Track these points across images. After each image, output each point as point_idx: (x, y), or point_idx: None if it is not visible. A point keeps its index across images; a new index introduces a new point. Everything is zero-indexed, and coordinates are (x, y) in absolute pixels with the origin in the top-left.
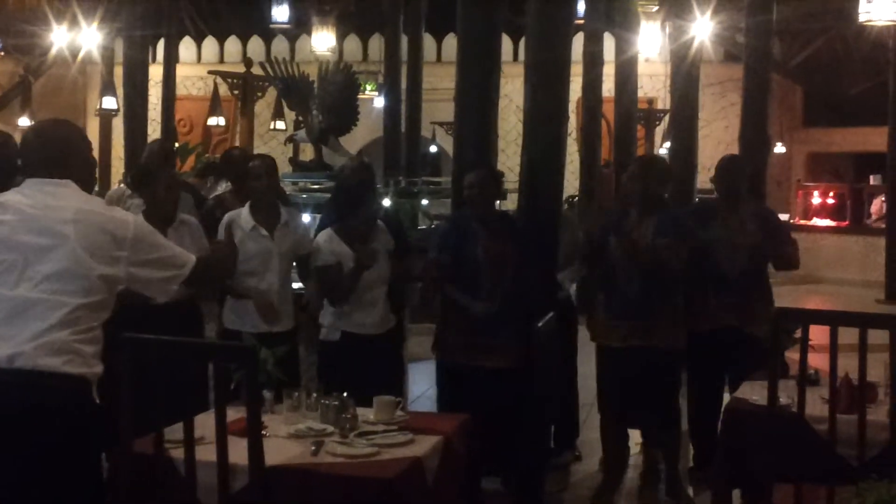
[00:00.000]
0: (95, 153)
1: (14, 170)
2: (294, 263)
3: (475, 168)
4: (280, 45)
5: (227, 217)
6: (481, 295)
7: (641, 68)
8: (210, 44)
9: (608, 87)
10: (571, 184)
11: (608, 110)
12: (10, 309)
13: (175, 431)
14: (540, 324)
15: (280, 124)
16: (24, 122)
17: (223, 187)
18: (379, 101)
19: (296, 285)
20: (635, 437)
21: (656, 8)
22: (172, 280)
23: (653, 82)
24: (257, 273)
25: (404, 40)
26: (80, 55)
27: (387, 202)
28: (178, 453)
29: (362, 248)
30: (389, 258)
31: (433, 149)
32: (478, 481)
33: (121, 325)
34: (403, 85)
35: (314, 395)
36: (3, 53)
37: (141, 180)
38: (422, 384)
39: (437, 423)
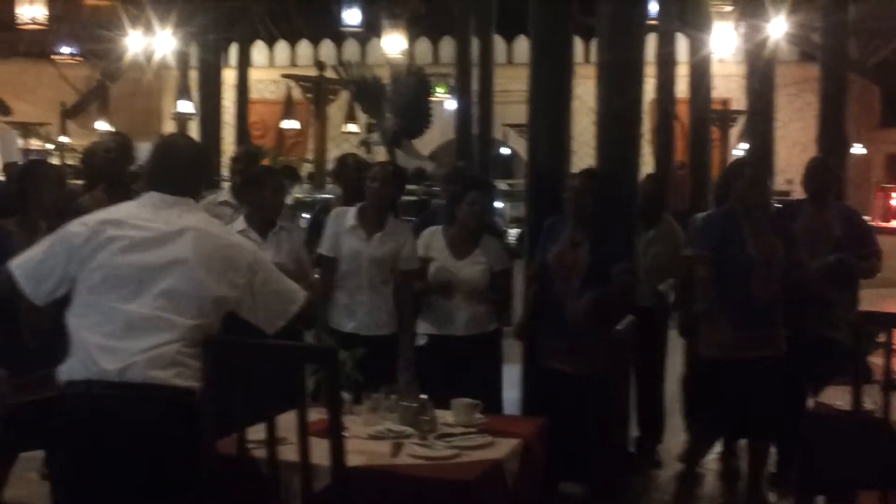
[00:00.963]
0: None
1: (132, 176)
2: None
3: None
4: (351, 48)
5: (333, 212)
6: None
7: (715, 69)
8: (282, 47)
9: (682, 89)
10: None
11: (682, 111)
12: (124, 323)
13: (257, 432)
14: (619, 328)
15: (352, 127)
16: (102, 125)
17: (296, 190)
18: (450, 104)
19: None
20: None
21: (730, 8)
22: (282, 315)
23: (727, 83)
24: (350, 273)
25: (475, 42)
26: (155, 60)
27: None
28: (260, 453)
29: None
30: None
31: (505, 150)
32: (555, 485)
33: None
34: (475, 87)
35: (392, 397)
36: (80, 59)
37: (249, 184)
38: (508, 388)
39: (515, 426)
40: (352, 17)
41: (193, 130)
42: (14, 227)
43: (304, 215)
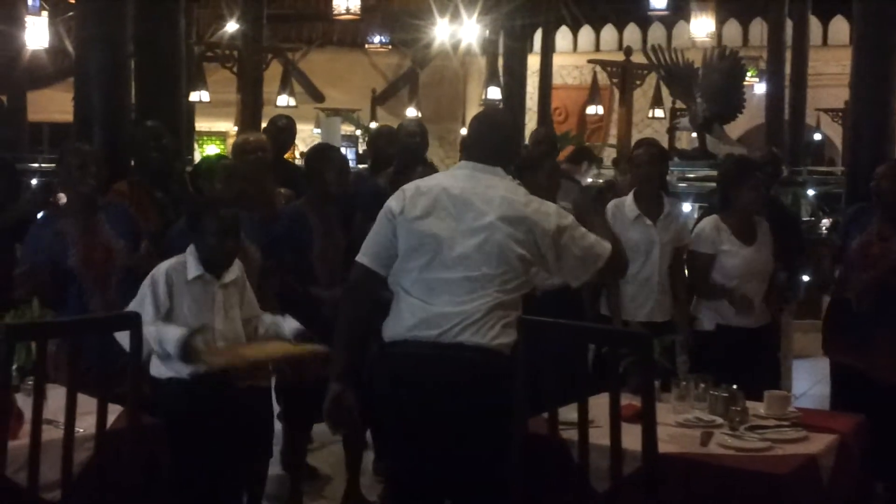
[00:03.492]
0: None
1: (414, 160)
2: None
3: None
4: (657, 32)
5: (611, 204)
6: None
7: None
8: (586, 32)
9: None
10: None
11: None
12: (437, 287)
13: (568, 413)
14: None
15: (658, 112)
16: (412, 112)
17: (594, 173)
18: (759, 88)
19: None
20: None
21: None
22: (588, 270)
23: None
24: (638, 262)
25: (788, 24)
26: (462, 47)
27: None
28: (570, 435)
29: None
30: (772, 256)
31: (817, 136)
32: (872, 485)
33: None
34: (787, 70)
35: (702, 385)
36: (390, 47)
37: (525, 167)
38: (805, 382)
39: (831, 422)
40: (659, 0)
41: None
42: (304, 206)
43: None
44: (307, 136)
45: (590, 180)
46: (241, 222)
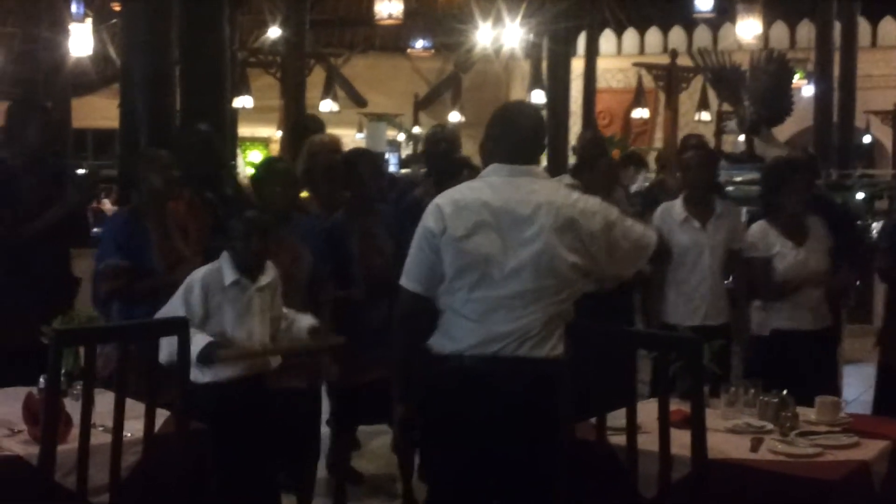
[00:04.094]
0: None
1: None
2: None
3: None
4: (702, 35)
5: (660, 208)
6: None
7: None
8: (630, 35)
9: None
10: None
11: None
12: (487, 301)
13: (616, 419)
14: None
15: (705, 115)
16: (455, 116)
17: (642, 178)
18: (808, 90)
19: None
20: None
21: None
22: (636, 262)
23: None
24: (687, 265)
25: (836, 25)
26: (504, 51)
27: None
28: (618, 441)
29: None
30: (828, 255)
31: (867, 139)
32: None
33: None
34: (835, 72)
35: (752, 391)
36: (432, 52)
37: (579, 167)
38: (855, 388)
39: (883, 428)
40: (704, 2)
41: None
42: (345, 209)
43: None
44: (350, 142)
45: (636, 186)
46: (290, 224)
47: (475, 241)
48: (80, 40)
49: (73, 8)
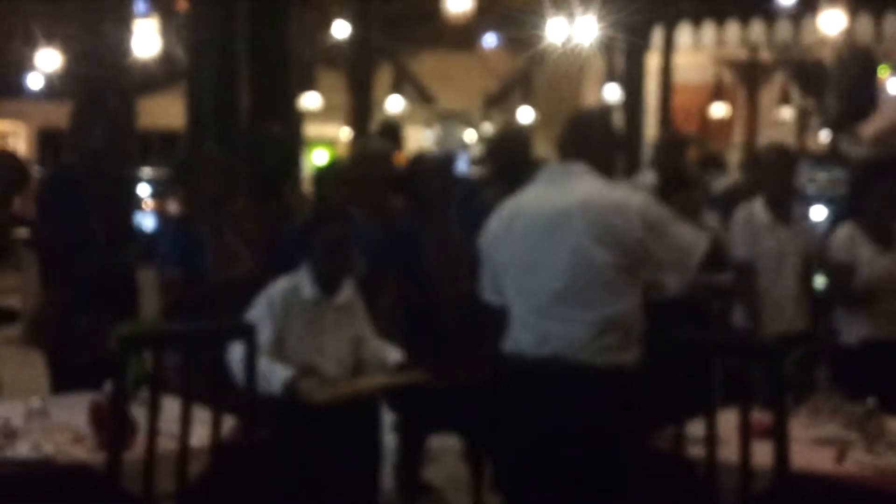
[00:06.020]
0: None
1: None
2: None
3: None
4: (783, 28)
5: (742, 213)
6: None
7: None
8: (709, 29)
9: None
10: None
11: None
12: (537, 303)
13: (694, 429)
14: None
15: (786, 111)
16: (526, 113)
17: (723, 181)
18: (892, 85)
19: None
20: None
21: None
22: (686, 267)
23: None
24: (773, 270)
25: None
26: (576, 46)
27: None
28: (696, 452)
29: None
30: None
31: None
32: None
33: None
34: None
35: (837, 399)
36: (502, 48)
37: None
38: None
39: None
40: None
41: (615, 117)
42: (404, 209)
43: None
44: (419, 140)
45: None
46: (357, 234)
47: (521, 244)
48: (146, 39)
49: (138, 6)
